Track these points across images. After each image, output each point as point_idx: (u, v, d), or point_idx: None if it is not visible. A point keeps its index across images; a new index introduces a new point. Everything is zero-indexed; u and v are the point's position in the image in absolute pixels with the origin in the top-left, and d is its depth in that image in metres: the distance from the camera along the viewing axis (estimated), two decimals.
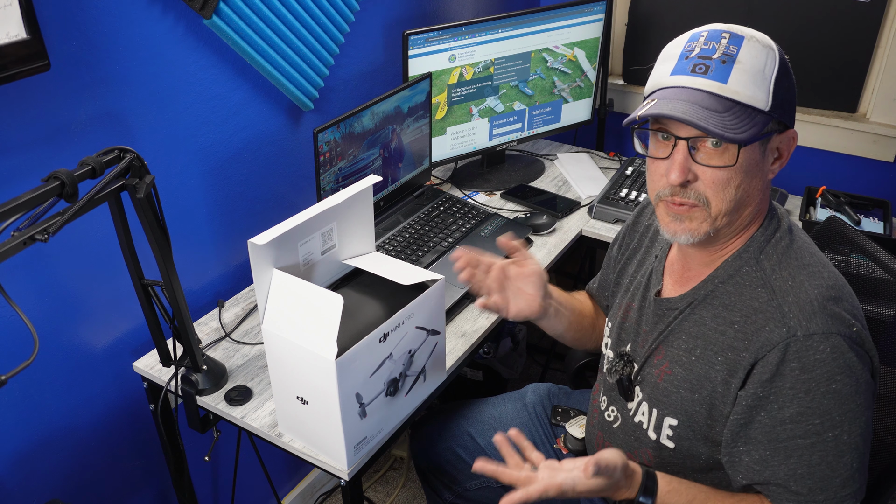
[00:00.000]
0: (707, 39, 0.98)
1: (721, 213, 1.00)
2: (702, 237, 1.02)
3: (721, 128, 0.93)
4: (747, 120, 0.95)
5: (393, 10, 1.91)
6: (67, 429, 1.41)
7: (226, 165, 1.58)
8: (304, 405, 1.17)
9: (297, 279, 1.12)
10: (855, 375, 0.96)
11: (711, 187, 0.99)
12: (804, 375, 0.95)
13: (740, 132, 0.94)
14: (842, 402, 0.96)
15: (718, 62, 0.96)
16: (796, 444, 0.98)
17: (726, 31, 0.98)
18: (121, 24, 1.29)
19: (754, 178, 1.00)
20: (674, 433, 1.10)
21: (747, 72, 0.95)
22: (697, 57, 0.97)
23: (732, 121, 0.94)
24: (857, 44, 2.04)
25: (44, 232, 0.95)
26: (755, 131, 0.95)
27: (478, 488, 1.50)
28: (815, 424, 0.96)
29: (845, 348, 0.95)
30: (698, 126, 0.93)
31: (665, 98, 0.97)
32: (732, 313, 1.04)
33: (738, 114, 0.95)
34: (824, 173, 2.17)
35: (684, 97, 0.96)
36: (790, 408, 0.97)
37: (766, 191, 1.04)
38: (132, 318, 1.47)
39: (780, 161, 1.02)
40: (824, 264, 1.04)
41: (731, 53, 0.96)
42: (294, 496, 2.06)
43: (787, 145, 1.01)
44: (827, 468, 0.97)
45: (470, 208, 1.87)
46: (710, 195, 0.99)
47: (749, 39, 0.97)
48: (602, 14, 2.05)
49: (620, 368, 1.20)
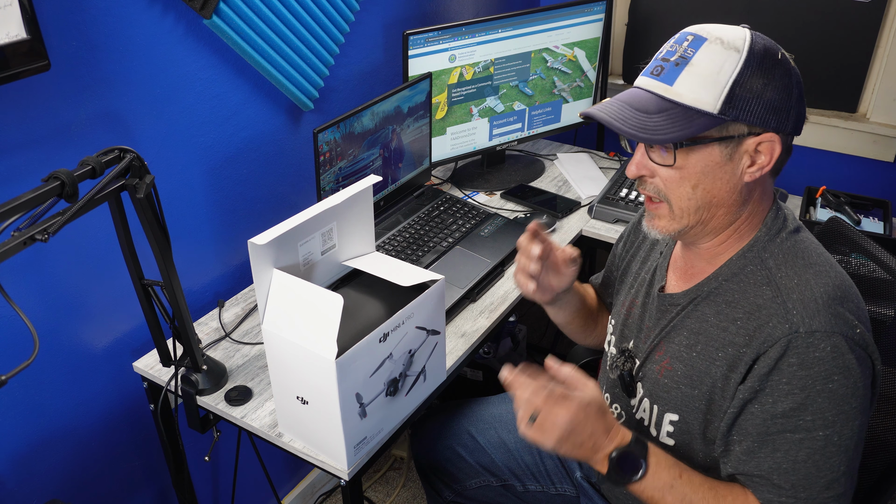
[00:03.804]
0: (675, 42, 1.01)
1: (683, 212, 1.03)
2: (672, 234, 1.07)
3: (637, 128, 0.97)
4: (682, 122, 0.96)
5: (393, 10, 1.91)
6: (67, 429, 1.41)
7: (226, 165, 1.58)
8: (304, 405, 1.17)
9: (297, 279, 1.12)
10: (853, 377, 0.96)
11: (664, 184, 1.03)
12: (802, 372, 0.96)
13: (663, 133, 0.96)
14: (836, 403, 0.96)
15: (672, 64, 0.98)
16: (785, 438, 0.98)
17: (693, 32, 0.99)
18: (121, 25, 1.29)
19: (717, 180, 1.00)
20: (674, 429, 1.11)
21: (698, 74, 0.96)
22: (660, 59, 1.01)
23: (660, 122, 0.97)
24: (857, 44, 2.04)
25: (44, 232, 0.95)
26: (688, 133, 0.96)
27: (478, 487, 1.50)
28: (807, 421, 0.96)
29: (846, 349, 0.95)
30: (613, 126, 0.99)
31: (615, 98, 1.03)
32: (735, 310, 1.04)
33: (674, 116, 0.97)
34: (824, 173, 2.17)
35: (626, 98, 1.01)
36: (784, 402, 0.97)
37: (747, 192, 1.02)
38: (132, 318, 1.47)
39: (760, 164, 0.99)
40: (831, 264, 1.04)
41: (686, 56, 0.97)
42: (294, 496, 2.06)
43: (769, 148, 0.98)
44: (813, 466, 0.97)
45: (470, 208, 1.87)
46: (666, 192, 1.03)
47: (712, 42, 0.97)
48: (602, 14, 2.05)
49: (622, 364, 1.21)
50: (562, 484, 1.45)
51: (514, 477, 1.46)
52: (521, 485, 1.46)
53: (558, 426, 0.99)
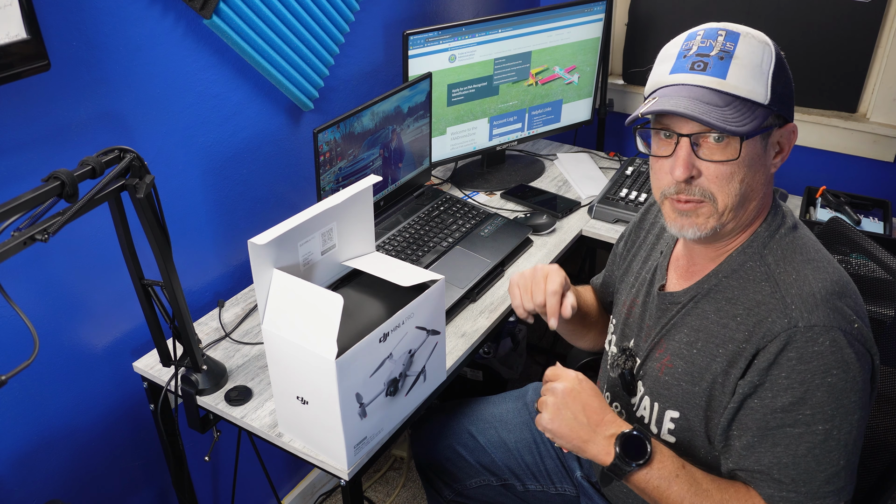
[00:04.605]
0: (704, 38, 1.00)
1: (727, 208, 1.01)
2: (709, 232, 1.03)
3: (723, 121, 0.95)
4: (748, 113, 0.96)
5: (393, 10, 1.91)
6: (67, 429, 1.41)
7: (226, 165, 1.58)
8: (304, 405, 1.17)
9: (297, 279, 1.12)
10: (851, 372, 0.96)
11: (716, 182, 0.99)
12: (801, 366, 0.96)
13: (742, 125, 0.95)
14: (835, 397, 0.96)
15: (716, 59, 0.97)
16: (785, 432, 0.98)
17: (722, 28, 1.00)
18: (121, 24, 1.29)
19: (757, 172, 1.01)
20: (675, 426, 1.11)
21: (745, 67, 0.96)
22: (695, 55, 0.99)
23: (734, 114, 0.96)
24: (857, 44, 2.04)
25: (44, 232, 0.95)
26: (756, 124, 0.96)
27: (478, 486, 1.50)
28: (806, 415, 0.96)
29: (844, 343, 0.95)
30: (701, 120, 0.94)
31: (666, 95, 0.99)
32: (735, 306, 1.04)
33: (739, 108, 0.96)
34: (824, 173, 2.17)
35: (685, 94, 0.97)
36: (783, 397, 0.97)
37: (769, 185, 1.05)
38: (132, 318, 1.47)
39: (782, 155, 1.03)
40: (829, 260, 1.04)
41: (728, 50, 0.97)
42: (294, 496, 2.06)
43: (788, 139, 1.03)
44: (813, 461, 0.97)
45: (470, 208, 1.87)
46: (714, 190, 1.00)
47: (745, 36, 0.99)
48: (602, 14, 2.05)
49: (622, 363, 1.21)
50: (562, 484, 1.45)
51: (514, 476, 1.46)
52: (521, 484, 1.46)
53: (552, 399, 1.07)
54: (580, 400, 1.06)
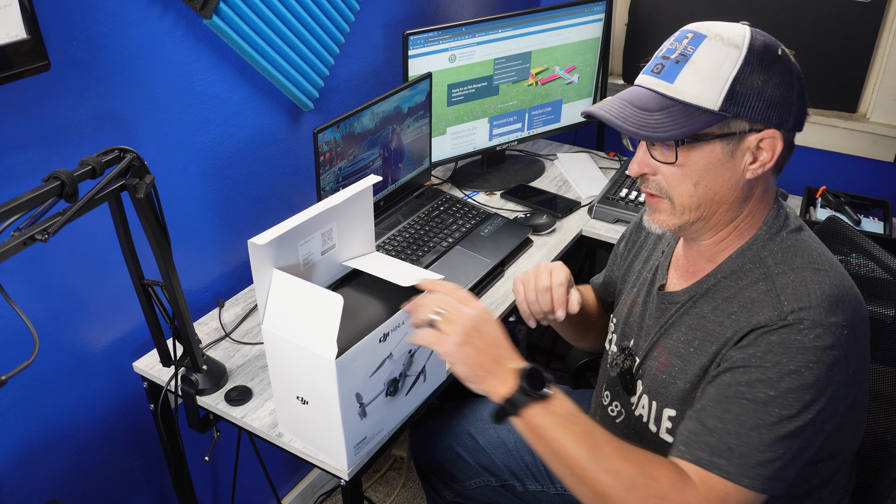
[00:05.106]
0: (675, 40, 1.01)
1: (685, 208, 1.04)
2: (672, 229, 1.07)
3: (640, 126, 0.98)
4: (683, 119, 0.97)
5: (393, 10, 1.91)
6: (67, 429, 1.41)
7: (226, 165, 1.58)
8: (304, 405, 1.17)
9: (297, 279, 1.12)
10: (828, 374, 0.94)
11: (667, 182, 1.03)
12: (779, 349, 0.95)
13: (664, 131, 0.97)
14: (803, 391, 0.93)
15: (673, 62, 0.99)
16: (740, 404, 0.95)
17: (693, 30, 1.00)
18: (121, 24, 1.29)
19: (719, 177, 1.01)
20: (673, 425, 1.11)
21: (699, 71, 0.97)
22: (661, 56, 1.01)
23: (663, 119, 0.97)
24: (857, 44, 2.04)
25: (44, 232, 0.95)
26: (688, 130, 0.96)
27: (477, 487, 1.50)
28: (769, 395, 0.94)
29: (829, 345, 0.94)
30: (614, 124, 0.99)
31: (615, 97, 1.03)
32: (731, 305, 1.04)
33: (675, 113, 0.97)
34: (824, 173, 2.17)
35: (627, 96, 1.02)
36: (752, 373, 0.96)
37: (748, 189, 1.03)
38: (132, 318, 1.47)
39: (763, 161, 1.00)
40: (832, 265, 1.03)
41: (686, 53, 0.98)
42: (294, 496, 2.06)
43: (770, 145, 0.99)
44: (756, 438, 0.94)
45: (470, 208, 1.87)
46: (668, 189, 1.04)
47: (711, 39, 0.98)
48: (602, 14, 2.05)
49: (622, 362, 1.21)
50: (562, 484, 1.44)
51: (513, 477, 1.46)
52: (521, 484, 1.46)
53: (462, 322, 1.00)
54: (491, 332, 1.02)
